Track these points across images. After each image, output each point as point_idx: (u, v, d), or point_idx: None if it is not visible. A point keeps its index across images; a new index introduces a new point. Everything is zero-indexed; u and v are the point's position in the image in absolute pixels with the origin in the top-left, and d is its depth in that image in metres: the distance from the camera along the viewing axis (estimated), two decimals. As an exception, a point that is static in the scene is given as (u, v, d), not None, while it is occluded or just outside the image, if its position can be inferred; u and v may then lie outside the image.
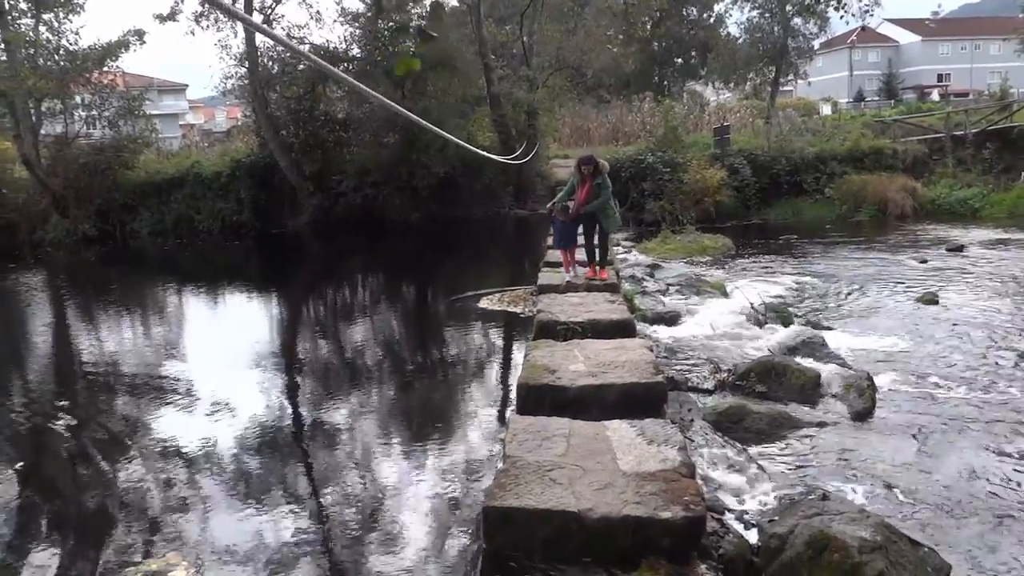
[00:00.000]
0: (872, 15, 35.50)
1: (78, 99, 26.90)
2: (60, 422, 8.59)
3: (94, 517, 6.05)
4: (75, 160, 25.88)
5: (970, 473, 6.17)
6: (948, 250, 17.06)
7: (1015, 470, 6.25)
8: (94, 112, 27.03)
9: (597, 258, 10.29)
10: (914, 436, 6.94)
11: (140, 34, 26.81)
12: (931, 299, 12.33)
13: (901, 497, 5.77)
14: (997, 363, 9.09)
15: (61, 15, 25.65)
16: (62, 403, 9.34)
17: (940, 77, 69.61)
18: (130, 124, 27.43)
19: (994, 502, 5.70)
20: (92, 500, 6.41)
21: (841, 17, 33.69)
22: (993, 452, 6.58)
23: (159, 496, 6.27)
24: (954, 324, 10.92)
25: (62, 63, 25.64)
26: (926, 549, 4.73)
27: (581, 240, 10.37)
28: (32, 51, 25.35)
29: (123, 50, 26.59)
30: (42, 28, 25.60)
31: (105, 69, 26.86)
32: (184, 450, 7.19)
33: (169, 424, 8.03)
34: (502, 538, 4.54)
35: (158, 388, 9.35)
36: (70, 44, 25.84)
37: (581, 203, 9.82)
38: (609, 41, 32.33)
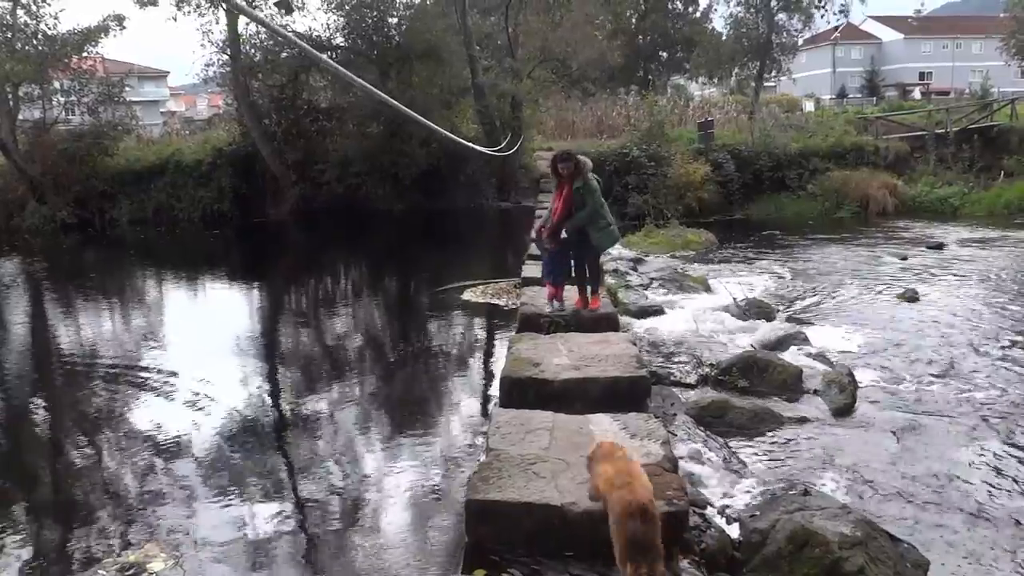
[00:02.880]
0: (848, 15, 35.71)
1: (57, 84, 26.52)
2: (37, 410, 8.49)
3: (71, 508, 5.97)
4: (53, 146, 25.52)
5: (950, 470, 6.22)
6: (928, 247, 17.21)
7: (994, 467, 6.31)
8: (73, 98, 26.70)
9: (588, 285, 8.14)
10: (894, 432, 6.98)
11: (120, 19, 26.46)
12: (911, 296, 12.43)
13: (881, 493, 5.81)
14: (976, 360, 9.17)
15: (40, -1, 25.24)
16: (39, 391, 9.24)
17: (922, 75, 70.11)
18: (110, 110, 27.09)
19: (973, 498, 5.75)
20: (69, 490, 6.33)
21: (822, 17, 33.90)
22: (972, 449, 6.64)
23: (137, 486, 6.20)
24: (934, 321, 11.01)
25: (40, 47, 25.22)
26: (906, 545, 4.76)
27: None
28: (10, 35, 24.92)
29: (103, 35, 26.24)
30: (20, 11, 25.14)
31: (84, 54, 26.48)
32: (163, 440, 7.12)
33: (148, 413, 7.95)
34: (484, 531, 4.52)
35: (137, 377, 9.25)
36: (49, 28, 25.44)
37: (559, 215, 7.75)
38: (595, 31, 32.19)
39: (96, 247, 22.94)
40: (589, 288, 8.15)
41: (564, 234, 7.78)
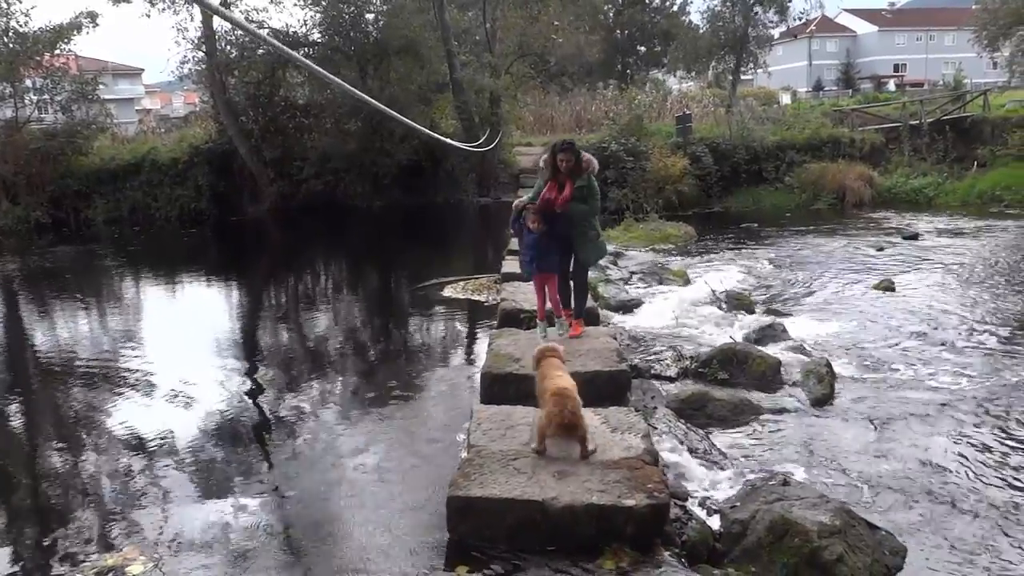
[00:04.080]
0: (823, 7, 36.01)
1: (29, 83, 26.19)
2: (12, 412, 8.38)
3: (48, 511, 5.91)
4: (26, 146, 25.19)
5: (926, 458, 6.30)
6: (904, 238, 17.37)
7: (969, 454, 6.39)
8: (46, 96, 26.37)
9: (572, 304, 7.42)
10: (872, 421, 7.06)
11: (93, 16, 26.17)
12: (888, 286, 12.55)
13: (859, 482, 5.87)
14: (952, 349, 9.29)
15: (10, -5, 24.87)
16: (14, 393, 9.12)
17: (896, 67, 70.87)
18: (84, 109, 26.77)
19: (949, 486, 5.83)
20: (46, 493, 6.26)
21: (799, 17, 34.10)
22: (948, 437, 6.72)
23: (116, 488, 6.14)
24: (910, 311, 11.12)
25: (12, 45, 24.89)
26: (884, 532, 4.82)
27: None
28: (-21, 33, 24.58)
29: (76, 32, 25.92)
30: (-11, 9, 24.81)
31: (57, 52, 26.16)
32: (142, 441, 7.06)
33: (126, 414, 7.87)
34: (466, 528, 4.53)
35: (114, 378, 9.16)
36: (20, 26, 25.09)
37: (560, 201, 6.77)
38: (572, 28, 32.09)
39: (71, 247, 22.62)
40: (572, 315, 7.34)
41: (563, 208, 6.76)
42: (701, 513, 5.15)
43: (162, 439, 7.09)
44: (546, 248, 6.93)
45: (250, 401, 8.42)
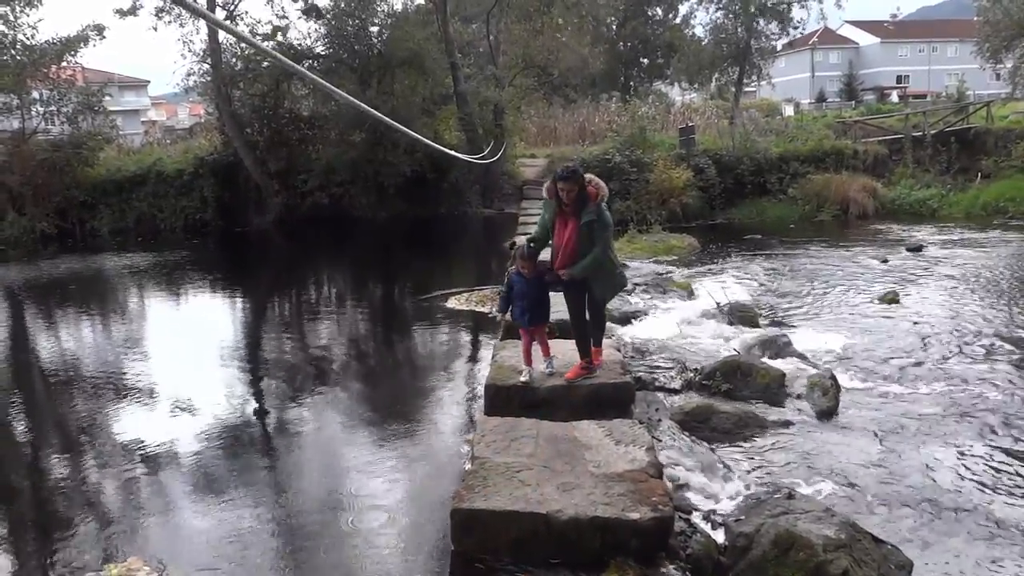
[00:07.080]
0: (826, 20, 36.13)
1: (36, 94, 26.34)
2: (16, 422, 8.40)
3: (52, 520, 5.91)
4: (33, 157, 25.30)
5: (932, 471, 6.28)
6: (908, 250, 17.35)
7: (975, 467, 6.37)
8: (52, 108, 26.47)
9: (591, 341, 6.42)
10: (877, 434, 7.04)
11: (100, 29, 26.31)
12: (892, 298, 12.54)
13: (865, 495, 5.85)
14: (957, 361, 9.26)
15: (18, 8, 24.98)
16: (17, 402, 9.13)
17: (899, 79, 70.99)
18: (90, 120, 26.92)
19: (955, 499, 5.81)
20: (49, 502, 6.27)
21: (796, 28, 34.13)
22: (954, 450, 6.70)
23: (119, 498, 6.15)
24: (915, 323, 11.10)
25: (19, 57, 25.03)
26: (889, 546, 4.80)
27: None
28: (-13, 45, 24.74)
29: (82, 45, 26.07)
30: (-3, 22, 24.97)
31: (64, 64, 26.31)
32: (145, 451, 7.06)
33: (130, 424, 7.88)
34: (470, 540, 4.53)
35: (118, 388, 9.17)
36: (27, 38, 25.23)
37: (565, 259, 6.00)
38: (576, 42, 32.16)
39: (75, 257, 22.68)
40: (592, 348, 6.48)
41: (567, 275, 6.04)
42: (706, 526, 5.14)
43: (165, 449, 7.10)
44: (537, 299, 6.27)
45: (253, 412, 8.43)
